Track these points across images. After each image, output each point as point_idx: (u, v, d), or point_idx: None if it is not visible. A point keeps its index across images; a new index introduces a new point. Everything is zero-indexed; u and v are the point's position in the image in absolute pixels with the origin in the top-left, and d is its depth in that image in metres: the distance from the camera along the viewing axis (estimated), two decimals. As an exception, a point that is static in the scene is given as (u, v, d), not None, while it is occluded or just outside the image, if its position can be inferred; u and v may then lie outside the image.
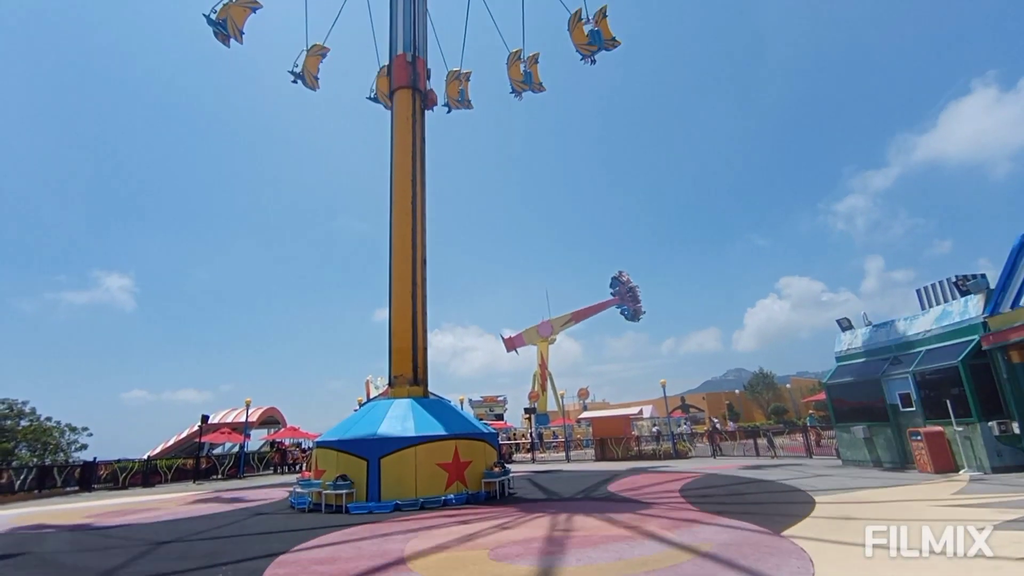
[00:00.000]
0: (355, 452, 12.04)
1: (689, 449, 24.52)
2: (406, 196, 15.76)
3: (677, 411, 55.88)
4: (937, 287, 14.43)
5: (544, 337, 55.31)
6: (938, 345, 13.38)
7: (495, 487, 12.65)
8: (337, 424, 14.53)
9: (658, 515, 8.73)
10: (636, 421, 34.31)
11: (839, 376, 16.19)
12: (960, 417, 12.15)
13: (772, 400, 61.52)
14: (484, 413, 45.20)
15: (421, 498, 11.48)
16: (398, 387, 14.44)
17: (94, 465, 21.67)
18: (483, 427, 14.85)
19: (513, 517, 9.31)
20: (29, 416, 33.56)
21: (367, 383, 42.04)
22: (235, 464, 26.55)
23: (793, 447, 22.23)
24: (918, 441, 12.71)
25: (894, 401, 14.04)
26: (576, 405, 60.35)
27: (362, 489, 11.64)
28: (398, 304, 14.98)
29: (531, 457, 29.07)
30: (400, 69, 17.03)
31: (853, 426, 15.10)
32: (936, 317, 13.83)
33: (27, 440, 32.64)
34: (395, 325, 14.90)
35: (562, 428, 39.16)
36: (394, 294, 15.15)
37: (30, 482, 19.20)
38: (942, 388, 12.84)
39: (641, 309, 54.29)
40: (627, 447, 24.49)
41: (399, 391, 14.31)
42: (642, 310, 54.38)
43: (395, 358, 14.70)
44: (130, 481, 21.99)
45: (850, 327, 16.78)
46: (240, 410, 32.73)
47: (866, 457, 14.77)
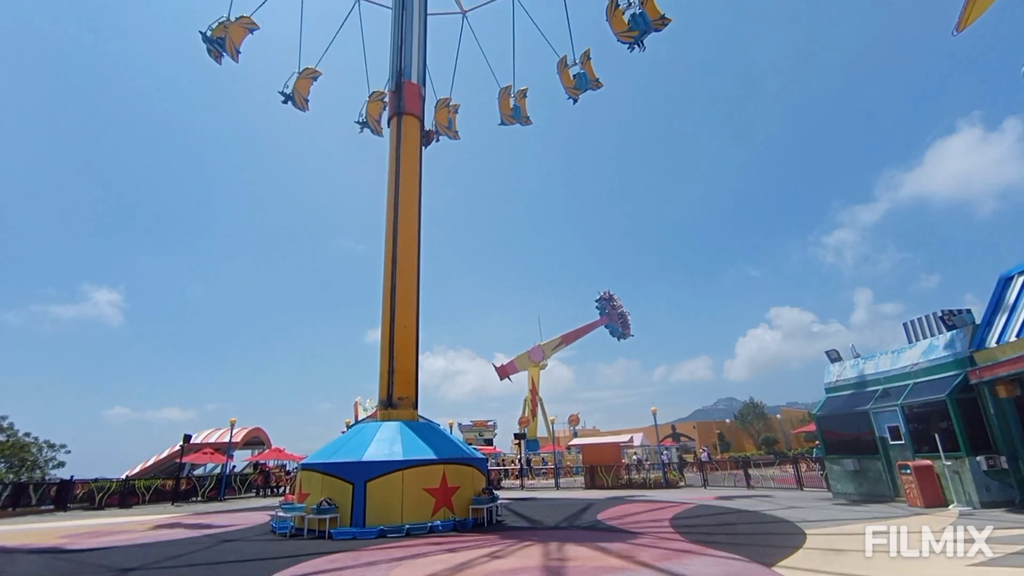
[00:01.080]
0: (341, 475, 11.82)
1: (679, 478, 24.28)
2: (401, 220, 15.88)
3: (668, 439, 55.45)
4: (923, 321, 14.61)
5: (536, 362, 55.01)
6: (926, 379, 13.48)
7: (483, 514, 12.43)
8: (323, 446, 14.29)
9: (649, 545, 8.61)
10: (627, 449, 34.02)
11: (829, 408, 16.22)
12: (949, 451, 12.17)
13: (763, 430, 61.30)
14: (473, 438, 44.62)
15: (407, 524, 11.24)
16: (387, 409, 14.28)
17: (71, 484, 21.07)
18: (472, 452, 14.67)
19: (502, 546, 9.13)
20: (7, 431, 32.66)
21: (356, 404, 41.41)
22: (216, 486, 25.89)
23: (783, 478, 22.07)
24: (907, 475, 12.69)
25: (883, 434, 14.06)
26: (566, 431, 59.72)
27: (346, 514, 11.39)
28: (389, 326, 14.93)
29: (520, 484, 28.63)
30: (411, 96, 17.47)
31: (843, 458, 15.06)
32: (923, 351, 13.96)
33: (3, 456, 31.71)
34: (385, 346, 14.82)
35: (552, 455, 38.68)
36: (385, 316, 15.11)
37: (4, 499, 18.65)
38: (930, 422, 12.89)
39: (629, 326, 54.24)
40: (617, 475, 24.20)
41: (388, 414, 14.15)
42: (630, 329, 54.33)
43: (385, 380, 14.57)
44: (107, 501, 21.34)
45: (839, 359, 16.89)
46: (224, 430, 32.10)
47: (856, 490, 14.70)
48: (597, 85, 21.37)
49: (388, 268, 15.52)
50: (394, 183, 16.31)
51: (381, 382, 14.69)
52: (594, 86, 21.19)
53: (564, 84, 21.90)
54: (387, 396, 14.42)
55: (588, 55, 21.28)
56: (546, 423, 50.22)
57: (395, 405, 14.28)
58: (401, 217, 15.93)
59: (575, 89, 21.57)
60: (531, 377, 55.37)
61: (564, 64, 21.53)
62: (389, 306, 15.13)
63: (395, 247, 15.60)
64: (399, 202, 16.17)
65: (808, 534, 9.14)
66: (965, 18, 12.07)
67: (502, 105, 23.85)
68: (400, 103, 17.30)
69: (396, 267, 15.45)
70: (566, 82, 21.78)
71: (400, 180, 16.44)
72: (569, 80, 21.60)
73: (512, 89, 23.85)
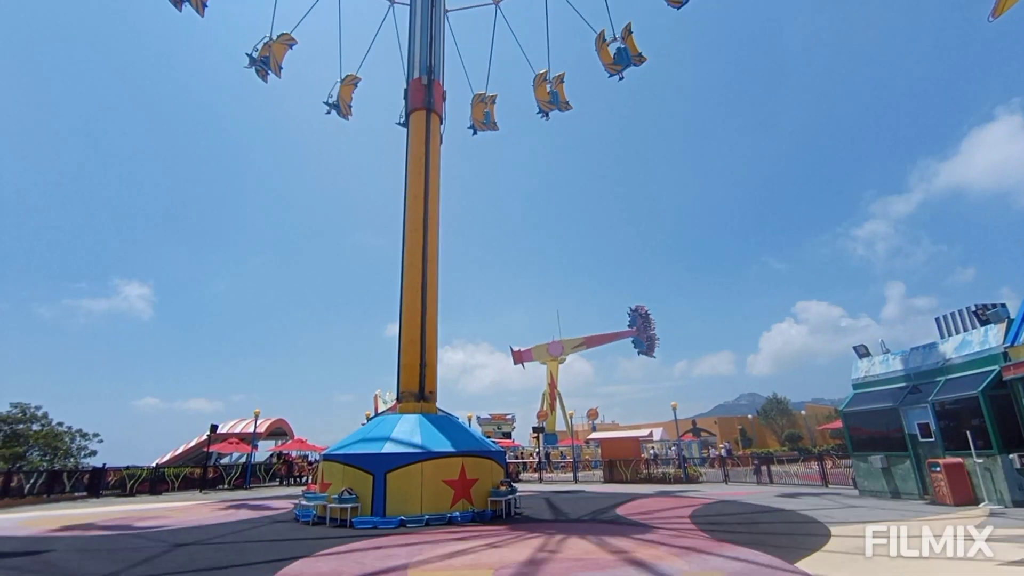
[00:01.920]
0: (361, 466, 11.98)
1: (700, 474, 24.06)
2: (419, 214, 15.93)
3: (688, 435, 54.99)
4: (957, 316, 14.15)
5: (554, 356, 54.98)
6: (958, 375, 13.08)
7: (501, 506, 12.48)
8: (344, 438, 14.50)
9: (666, 542, 8.53)
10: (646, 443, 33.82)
11: (856, 404, 15.86)
12: (980, 449, 11.81)
13: (786, 426, 60.34)
14: (492, 431, 44.84)
15: (426, 515, 11.35)
16: (406, 402, 14.41)
17: (103, 471, 21.79)
18: (490, 445, 14.72)
19: (521, 537, 9.16)
20: (41, 420, 33.88)
21: (375, 397, 41.97)
22: (241, 474, 26.52)
23: (808, 475, 21.70)
24: (937, 472, 12.36)
25: (913, 431, 13.69)
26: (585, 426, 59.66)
27: (367, 504, 11.55)
28: (408, 320, 15.03)
29: (538, 477, 28.68)
30: (416, 92, 17.44)
31: (870, 455, 14.73)
32: (956, 346, 13.54)
33: (38, 445, 32.92)
34: (405, 340, 14.92)
35: (570, 448, 38.68)
36: (405, 310, 15.21)
37: (39, 486, 19.34)
38: (962, 419, 12.51)
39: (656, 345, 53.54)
40: (636, 470, 24.09)
41: (407, 406, 14.28)
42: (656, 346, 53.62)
43: (404, 373, 14.69)
44: (137, 488, 22.05)
45: (867, 354, 16.48)
46: (249, 421, 32.80)
47: (884, 488, 14.37)
48: (640, 60, 19.73)
49: (408, 263, 15.59)
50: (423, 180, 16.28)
51: (400, 375, 14.82)
52: (637, 61, 19.48)
53: (603, 61, 20.42)
54: (406, 389, 14.53)
55: (630, 28, 19.69)
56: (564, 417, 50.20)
57: (414, 398, 14.39)
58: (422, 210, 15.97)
59: (614, 65, 20.12)
60: (549, 371, 55.36)
61: (602, 40, 19.96)
62: (411, 299, 15.21)
63: (404, 240, 15.68)
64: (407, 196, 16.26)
65: (833, 532, 8.96)
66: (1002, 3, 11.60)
67: (538, 92, 23.00)
68: (430, 100, 17.24)
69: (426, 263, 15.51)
70: (605, 59, 20.33)
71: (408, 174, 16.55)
72: (608, 56, 20.18)
73: (548, 74, 22.85)
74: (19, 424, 32.86)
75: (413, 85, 17.58)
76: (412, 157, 16.70)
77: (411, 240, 15.76)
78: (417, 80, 17.52)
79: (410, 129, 17.22)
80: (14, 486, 18.47)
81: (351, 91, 23.38)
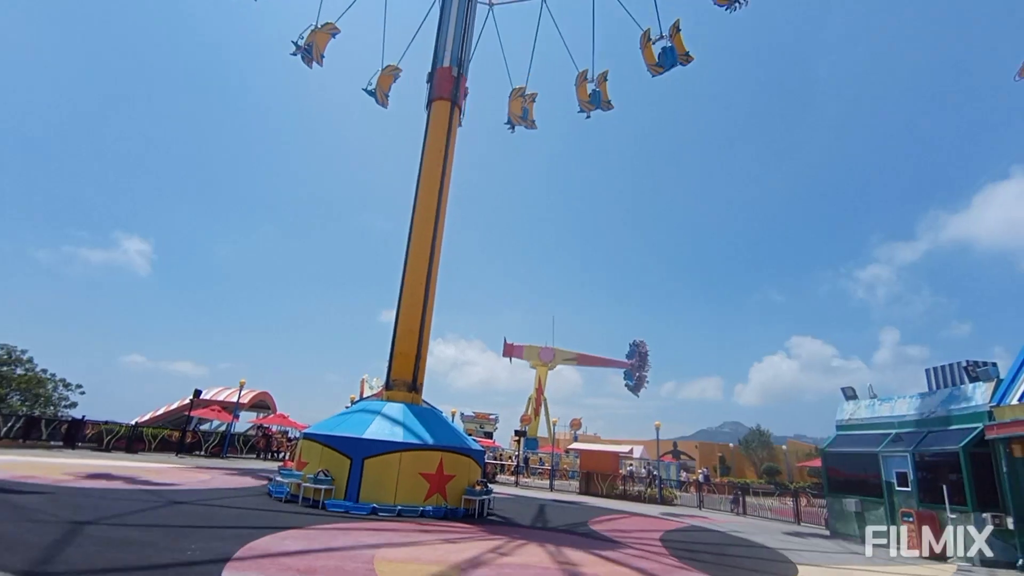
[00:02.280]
0: (340, 449, 11.98)
1: (675, 496, 24.11)
2: (432, 204, 15.95)
3: (668, 456, 55.04)
4: (947, 369, 14.23)
5: (544, 362, 55.05)
6: (941, 428, 13.13)
7: (475, 505, 12.49)
8: (327, 418, 14.49)
9: (625, 561, 8.56)
10: (624, 460, 33.86)
11: (837, 445, 15.92)
12: (955, 504, 11.85)
13: (766, 459, 60.40)
14: (474, 429, 44.80)
15: (399, 505, 11.35)
16: (392, 390, 14.41)
17: (82, 423, 21.72)
18: (471, 443, 14.73)
19: (481, 538, 9.18)
20: (26, 365, 33.81)
21: (362, 382, 41.91)
22: (220, 443, 26.47)
23: (781, 510, 21.75)
24: (910, 523, 12.40)
25: (890, 478, 13.75)
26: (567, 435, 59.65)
27: (342, 487, 11.55)
28: (406, 309, 15.04)
29: (515, 481, 28.71)
30: (443, 81, 17.32)
31: (845, 498, 14.78)
32: (942, 399, 13.60)
33: (20, 389, 32.83)
34: (399, 329, 14.93)
35: (550, 456, 38.69)
36: (403, 298, 15.22)
37: (16, 431, 19.27)
38: (940, 472, 12.57)
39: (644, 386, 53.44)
40: (613, 484, 24.12)
41: (394, 394, 14.28)
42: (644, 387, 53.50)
43: (395, 361, 14.70)
44: (114, 444, 21.98)
45: (854, 397, 16.55)
46: (233, 390, 32.78)
47: (856, 531, 14.41)
48: (608, 107, 21.06)
49: (413, 251, 15.59)
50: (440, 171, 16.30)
51: (390, 362, 14.83)
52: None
53: (580, 98, 21.48)
54: (397, 377, 14.54)
55: (606, 76, 20.96)
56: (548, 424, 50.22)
57: (401, 387, 14.40)
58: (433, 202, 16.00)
59: (589, 104, 21.34)
60: (538, 376, 55.38)
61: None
62: (411, 288, 15.22)
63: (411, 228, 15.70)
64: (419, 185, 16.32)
65: (800, 568, 9.00)
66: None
67: (580, 91, 22.64)
68: (456, 93, 17.25)
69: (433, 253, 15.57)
70: (582, 96, 21.42)
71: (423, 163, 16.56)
72: (585, 95, 21.31)
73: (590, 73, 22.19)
74: (3, 366, 32.77)
75: (440, 73, 17.45)
76: (430, 147, 16.68)
77: (420, 228, 15.76)
78: (446, 69, 17.42)
79: (431, 117, 17.16)
80: (-9, 428, 18.41)
81: (390, 81, 23.52)
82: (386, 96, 23.50)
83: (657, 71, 18.92)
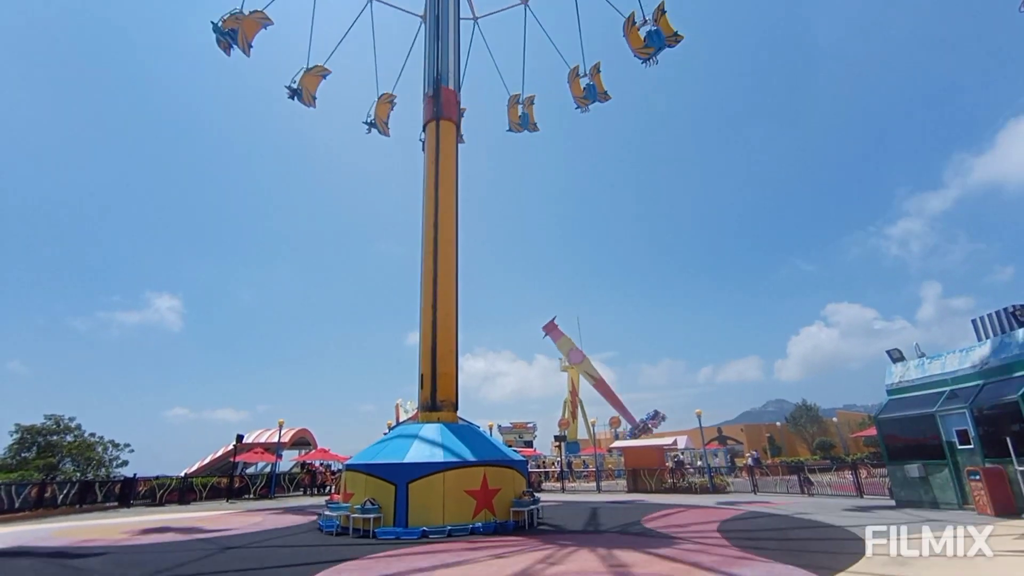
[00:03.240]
0: (383, 476, 11.98)
1: (727, 483, 23.50)
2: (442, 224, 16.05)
3: (714, 443, 53.89)
4: (993, 317, 13.61)
5: (573, 364, 54.65)
6: (997, 379, 12.53)
7: (524, 516, 12.34)
8: (366, 447, 14.54)
9: (681, 558, 8.29)
10: (670, 451, 33.23)
11: (891, 411, 15.32)
12: (1022, 456, 11.27)
13: (817, 434, 58.65)
14: (513, 440, 44.64)
15: (448, 525, 11.27)
16: (428, 411, 14.40)
17: (134, 481, 22.24)
18: (512, 454, 14.61)
19: (530, 548, 9.02)
20: (74, 432, 34.86)
21: (397, 407, 42.15)
22: (266, 484, 26.82)
23: (841, 485, 21.00)
24: (977, 481, 11.82)
25: (951, 438, 13.16)
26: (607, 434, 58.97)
27: (390, 514, 11.53)
28: (428, 328, 15.06)
29: (561, 486, 28.38)
30: (427, 105, 17.70)
31: (907, 464, 14.19)
32: (993, 349, 12.99)
33: (71, 455, 33.83)
34: (425, 349, 14.95)
35: (593, 457, 38.23)
36: (424, 318, 15.25)
37: (72, 496, 19.79)
38: (1002, 424, 11.97)
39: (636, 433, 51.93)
40: (661, 479, 23.64)
41: (429, 415, 14.26)
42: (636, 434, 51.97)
43: (425, 382, 14.70)
44: (167, 498, 22.43)
45: (901, 358, 15.93)
46: (273, 431, 33.24)
47: (921, 498, 13.81)
48: (605, 98, 22.07)
49: (424, 274, 15.67)
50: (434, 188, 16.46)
51: (421, 385, 14.82)
52: (602, 98, 21.90)
53: (574, 94, 22.50)
54: (427, 399, 14.53)
55: (598, 68, 21.75)
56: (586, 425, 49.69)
57: (436, 407, 14.37)
58: (442, 222, 16.09)
59: (584, 99, 22.27)
60: (571, 378, 55.04)
61: (576, 74, 22.21)
62: (430, 309, 15.24)
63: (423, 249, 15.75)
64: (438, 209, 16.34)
65: (869, 543, 8.61)
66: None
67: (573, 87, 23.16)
68: (437, 107, 17.50)
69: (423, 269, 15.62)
70: (576, 92, 22.41)
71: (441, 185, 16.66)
72: (579, 90, 22.28)
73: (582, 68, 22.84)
74: (53, 435, 33.85)
75: (446, 95, 17.90)
76: (428, 171, 16.90)
77: (427, 248, 15.95)
78: (451, 91, 17.96)
79: (426, 142, 17.46)
80: (48, 496, 18.94)
81: (388, 110, 24.01)
82: (386, 124, 23.91)
83: (645, 54, 18.70)
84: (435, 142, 17.04)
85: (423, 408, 14.67)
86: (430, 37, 18.91)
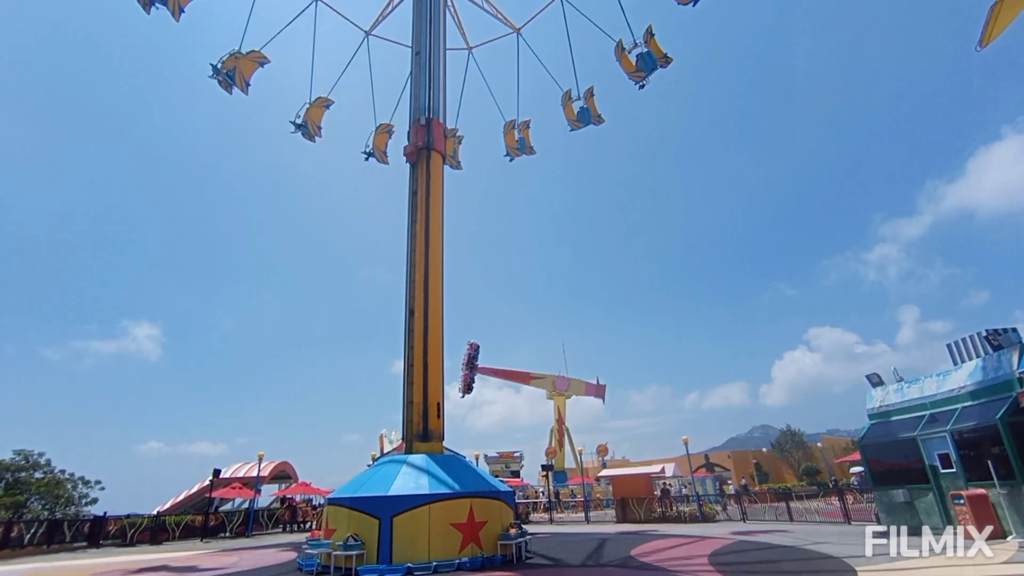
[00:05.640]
0: (366, 510, 11.66)
1: (716, 512, 23.31)
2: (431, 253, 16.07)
3: (701, 470, 53.58)
4: (968, 341, 13.93)
5: (560, 391, 54.36)
6: (975, 402, 12.76)
7: (512, 550, 12.06)
8: (349, 480, 14.18)
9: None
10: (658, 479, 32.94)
11: (873, 435, 15.46)
12: (1003, 478, 11.41)
13: (803, 459, 58.71)
14: (500, 470, 43.95)
15: (435, 561, 10.97)
16: (413, 442, 14.15)
17: (103, 520, 21.31)
18: (499, 485, 14.36)
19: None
20: (44, 468, 33.42)
21: (381, 437, 41.34)
22: (244, 521, 25.85)
23: (829, 511, 20.96)
24: (961, 505, 11.91)
25: (933, 462, 13.28)
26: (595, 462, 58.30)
27: (373, 550, 11.19)
28: (413, 357, 14.91)
29: (549, 518, 27.85)
30: (439, 135, 17.99)
31: (892, 489, 14.25)
32: (969, 373, 13.27)
33: (39, 493, 32.38)
34: (413, 380, 14.76)
35: (581, 487, 37.71)
36: (414, 348, 15.10)
37: (39, 536, 18.92)
38: (982, 447, 12.15)
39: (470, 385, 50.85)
40: (650, 508, 23.37)
41: (415, 446, 14.01)
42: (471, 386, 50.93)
43: (409, 413, 14.48)
44: (138, 538, 21.48)
45: (881, 383, 16.16)
46: (252, 464, 32.26)
47: (908, 522, 13.81)
48: (599, 121, 22.60)
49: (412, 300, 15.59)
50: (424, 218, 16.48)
51: (405, 415, 14.60)
52: (596, 121, 22.46)
53: (567, 117, 23.10)
54: (412, 429, 14.29)
55: (592, 92, 22.35)
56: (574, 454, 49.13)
57: (420, 438, 14.14)
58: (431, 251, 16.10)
59: (577, 122, 22.94)
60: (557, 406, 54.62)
61: (568, 98, 22.82)
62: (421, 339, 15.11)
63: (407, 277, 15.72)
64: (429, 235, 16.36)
65: (859, 571, 8.58)
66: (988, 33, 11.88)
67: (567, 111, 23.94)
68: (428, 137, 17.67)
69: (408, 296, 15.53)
70: (569, 115, 23.04)
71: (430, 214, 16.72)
72: (572, 113, 22.94)
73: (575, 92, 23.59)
74: (21, 472, 32.42)
75: (414, 127, 17.99)
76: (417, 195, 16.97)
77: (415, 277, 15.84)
78: (438, 123, 18.07)
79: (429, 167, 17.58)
80: (14, 536, 18.07)
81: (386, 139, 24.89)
82: (384, 153, 24.40)
83: (638, 77, 19.41)
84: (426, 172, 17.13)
85: (407, 439, 14.42)
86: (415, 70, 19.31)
